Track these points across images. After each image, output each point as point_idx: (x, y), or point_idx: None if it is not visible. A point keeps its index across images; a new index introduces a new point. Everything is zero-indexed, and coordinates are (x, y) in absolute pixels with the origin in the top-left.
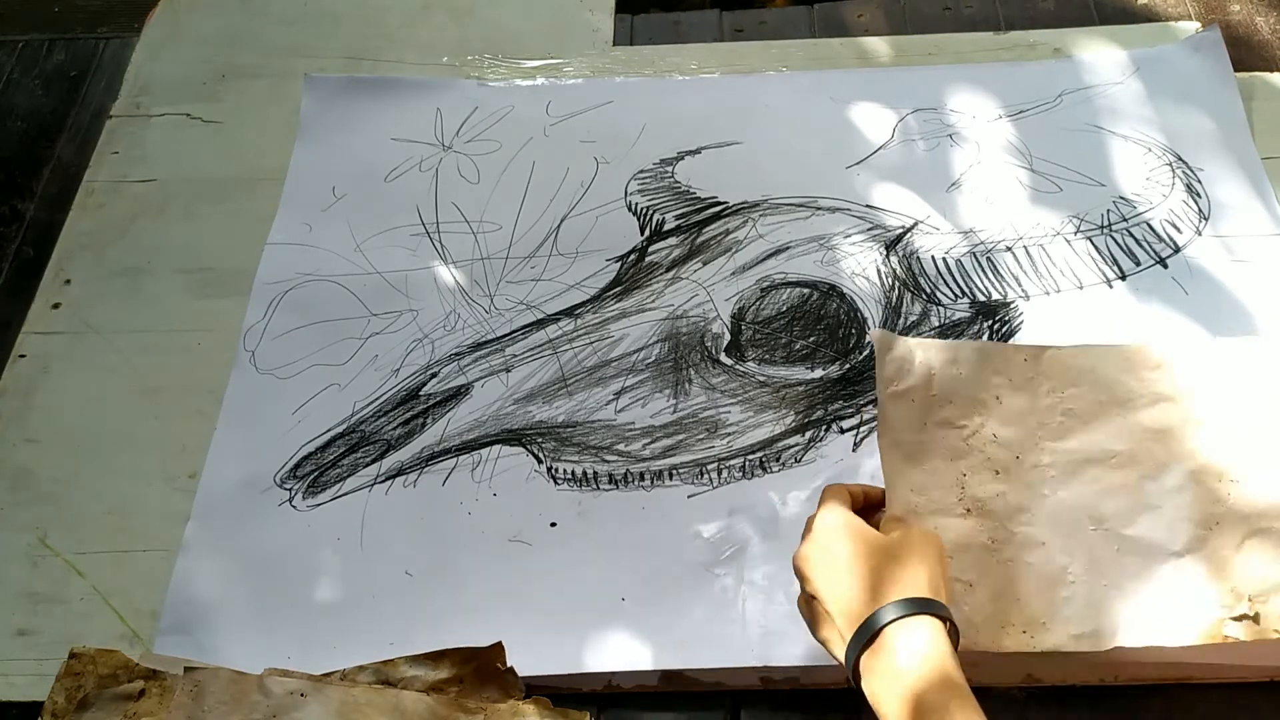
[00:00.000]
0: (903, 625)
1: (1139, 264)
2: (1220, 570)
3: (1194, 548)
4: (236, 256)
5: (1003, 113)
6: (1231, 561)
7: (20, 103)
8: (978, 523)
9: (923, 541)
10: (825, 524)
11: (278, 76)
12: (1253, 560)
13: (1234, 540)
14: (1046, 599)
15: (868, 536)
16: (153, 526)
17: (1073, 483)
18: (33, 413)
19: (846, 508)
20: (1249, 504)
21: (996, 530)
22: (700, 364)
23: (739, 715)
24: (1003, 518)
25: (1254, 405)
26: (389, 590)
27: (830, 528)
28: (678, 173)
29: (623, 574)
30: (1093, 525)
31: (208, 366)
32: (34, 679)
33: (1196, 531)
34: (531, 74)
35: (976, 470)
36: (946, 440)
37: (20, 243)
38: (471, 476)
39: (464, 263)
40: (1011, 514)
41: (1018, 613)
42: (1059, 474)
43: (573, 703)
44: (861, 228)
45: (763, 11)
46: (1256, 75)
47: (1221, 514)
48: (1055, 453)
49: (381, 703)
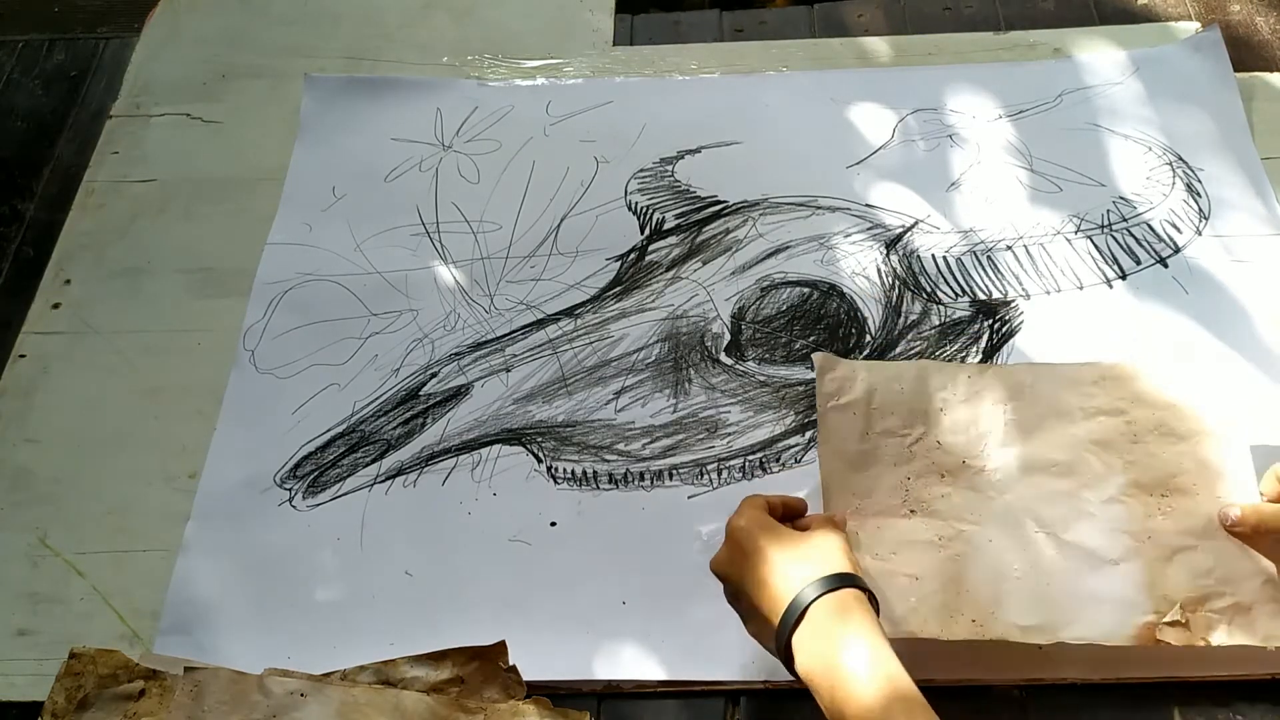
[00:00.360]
0: (827, 599)
1: (1139, 263)
2: (1154, 579)
3: (1128, 557)
4: (236, 256)
5: (1003, 113)
6: (1164, 572)
7: (20, 103)
8: (923, 522)
9: (827, 528)
10: (736, 526)
11: (278, 76)
12: (1183, 572)
13: (1165, 552)
14: (993, 591)
15: (778, 530)
16: (153, 526)
17: (1016, 487)
18: (33, 413)
19: (758, 510)
20: (1179, 520)
21: (944, 528)
22: (700, 364)
23: (738, 709)
24: (949, 517)
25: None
26: (389, 590)
27: (741, 528)
28: (678, 172)
29: (623, 575)
30: (1035, 527)
31: (208, 366)
32: (34, 679)
33: (1131, 542)
34: (531, 74)
35: (921, 474)
36: (889, 448)
37: (20, 243)
38: (471, 476)
39: (464, 262)
40: (958, 513)
41: (967, 602)
42: (1003, 478)
43: (572, 700)
44: (861, 227)
45: (763, 11)
46: (1256, 75)
47: (1154, 528)
48: (999, 459)
49: (381, 703)
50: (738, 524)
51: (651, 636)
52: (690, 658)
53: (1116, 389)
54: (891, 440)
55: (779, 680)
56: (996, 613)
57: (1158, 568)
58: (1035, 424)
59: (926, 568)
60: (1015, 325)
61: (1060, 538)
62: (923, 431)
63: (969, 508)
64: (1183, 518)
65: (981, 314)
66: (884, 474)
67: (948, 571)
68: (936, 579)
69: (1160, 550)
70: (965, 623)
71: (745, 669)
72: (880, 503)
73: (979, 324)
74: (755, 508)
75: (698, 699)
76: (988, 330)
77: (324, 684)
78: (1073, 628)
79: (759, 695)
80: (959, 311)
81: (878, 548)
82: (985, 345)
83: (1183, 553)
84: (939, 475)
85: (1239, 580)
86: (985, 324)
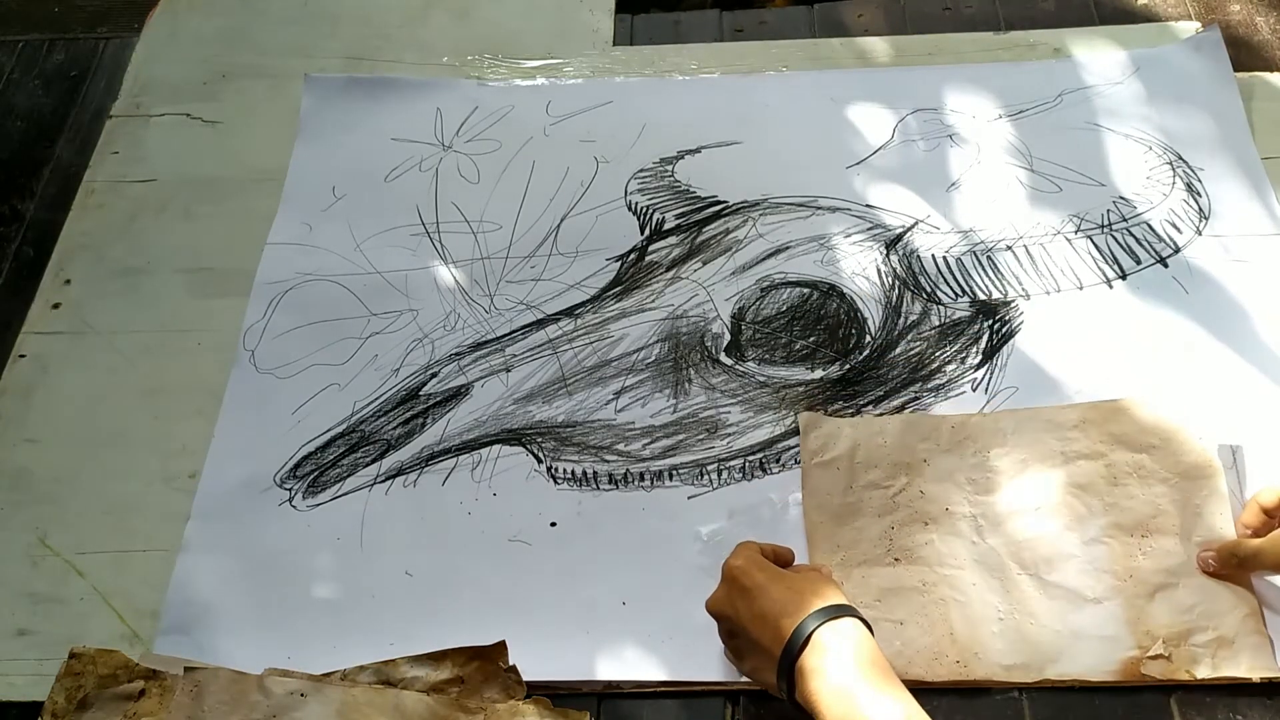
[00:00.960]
0: (830, 626)
1: (1139, 263)
2: (1136, 615)
3: (1110, 595)
4: (236, 256)
5: (1002, 113)
6: (1146, 609)
7: (20, 103)
8: (907, 569)
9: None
10: (733, 565)
11: (278, 76)
12: (1165, 608)
13: (1147, 590)
14: (977, 633)
15: (773, 568)
16: (153, 526)
17: (999, 531)
18: (33, 413)
19: (753, 551)
20: (1159, 559)
21: (927, 574)
22: (700, 364)
23: (738, 708)
24: (933, 563)
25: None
26: (389, 590)
27: (738, 567)
28: (678, 172)
29: (623, 575)
30: (1018, 570)
31: (208, 366)
32: (34, 679)
33: (1113, 581)
34: (531, 74)
35: (905, 523)
36: (873, 500)
37: (20, 243)
38: (471, 476)
39: (464, 262)
40: (941, 559)
41: (951, 645)
42: (986, 524)
43: (572, 700)
44: (861, 227)
45: (763, 11)
46: (1256, 75)
47: (1135, 567)
48: (982, 504)
49: (381, 703)
50: (735, 564)
51: (651, 636)
52: (690, 658)
53: (1096, 432)
54: (875, 492)
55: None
56: (980, 654)
57: (1140, 605)
58: (1017, 469)
59: (911, 613)
60: (1015, 325)
61: (1043, 579)
62: (906, 482)
63: (952, 553)
64: (1163, 557)
65: (981, 314)
66: (868, 525)
67: (932, 616)
68: (921, 623)
69: (1142, 588)
70: (950, 664)
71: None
72: (864, 552)
73: (979, 324)
74: (750, 549)
75: (698, 699)
76: (988, 330)
77: (324, 684)
78: (1057, 665)
79: (759, 695)
80: (959, 312)
81: (863, 596)
82: (985, 345)
83: (1164, 590)
84: (922, 523)
85: (1221, 615)
86: (985, 324)
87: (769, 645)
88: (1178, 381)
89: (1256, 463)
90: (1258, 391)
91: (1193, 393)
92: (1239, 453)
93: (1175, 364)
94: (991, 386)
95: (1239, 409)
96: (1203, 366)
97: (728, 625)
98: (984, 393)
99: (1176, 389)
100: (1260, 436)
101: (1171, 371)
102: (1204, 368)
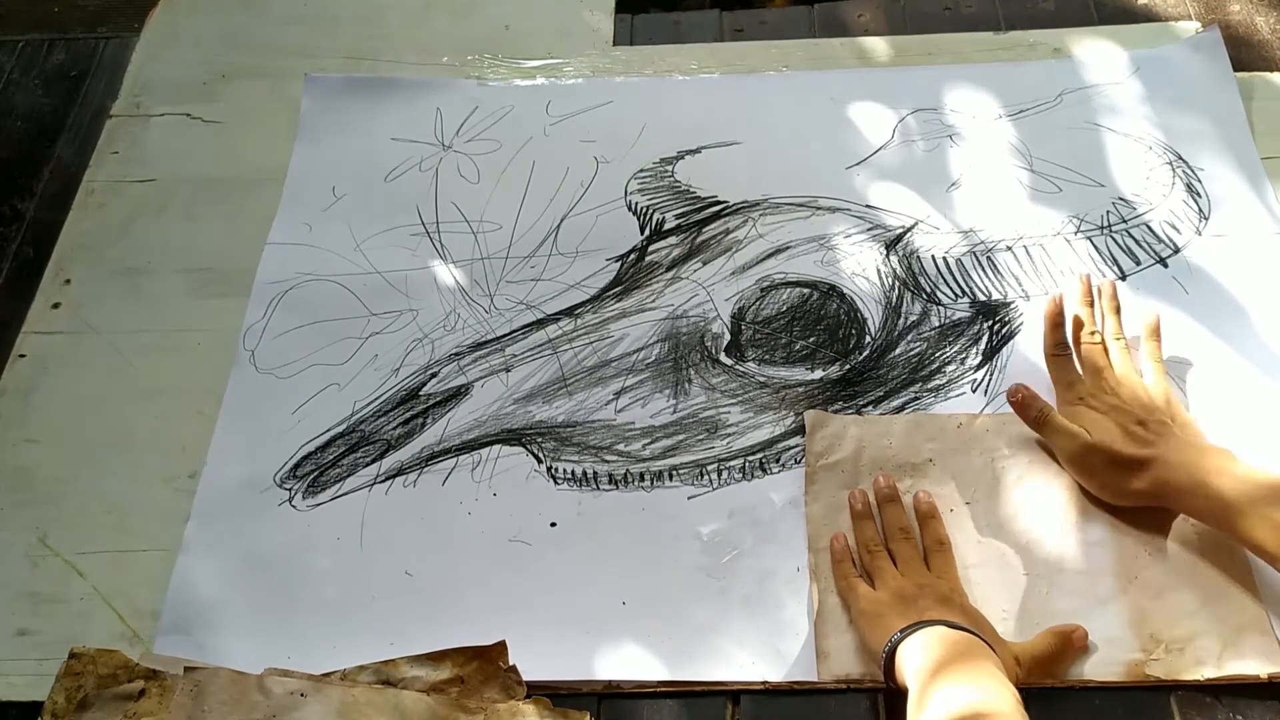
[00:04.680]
0: (949, 628)
1: (1139, 264)
2: (1140, 619)
3: (1115, 597)
4: (236, 256)
5: (1002, 113)
6: (1150, 612)
7: (20, 103)
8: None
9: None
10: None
11: (278, 76)
12: (1170, 611)
13: (1152, 592)
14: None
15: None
16: (153, 526)
17: (1004, 531)
18: (33, 413)
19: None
20: (1165, 562)
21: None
22: (700, 364)
23: (738, 708)
24: None
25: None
26: (389, 590)
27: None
28: (678, 172)
29: (623, 575)
30: (1024, 570)
31: (208, 366)
32: (34, 679)
33: (1117, 583)
34: (531, 74)
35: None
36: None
37: (20, 243)
38: (471, 476)
39: (464, 262)
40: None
41: None
42: (992, 523)
43: (572, 700)
44: (861, 227)
45: (763, 11)
46: (1256, 75)
47: (1140, 570)
48: (987, 505)
49: (381, 703)
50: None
51: (651, 636)
52: (690, 658)
53: None
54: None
55: (779, 680)
56: None
57: (1144, 607)
58: (1023, 470)
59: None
60: (1015, 326)
61: (1048, 580)
62: (911, 483)
63: (958, 553)
64: (1168, 559)
65: (981, 315)
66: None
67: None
68: None
69: (1147, 591)
70: None
71: (745, 669)
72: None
73: (979, 325)
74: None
75: (698, 699)
76: (987, 331)
77: (324, 684)
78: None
79: (759, 695)
80: (959, 312)
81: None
82: (985, 346)
83: (1169, 593)
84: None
85: (1226, 616)
86: (985, 325)
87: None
88: (1178, 381)
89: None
90: (1258, 391)
91: (1193, 392)
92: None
93: (1175, 364)
94: (991, 387)
95: (1239, 409)
96: (1203, 366)
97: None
98: (984, 393)
99: (1176, 389)
100: (1260, 436)
101: (1171, 371)
102: (1204, 367)
